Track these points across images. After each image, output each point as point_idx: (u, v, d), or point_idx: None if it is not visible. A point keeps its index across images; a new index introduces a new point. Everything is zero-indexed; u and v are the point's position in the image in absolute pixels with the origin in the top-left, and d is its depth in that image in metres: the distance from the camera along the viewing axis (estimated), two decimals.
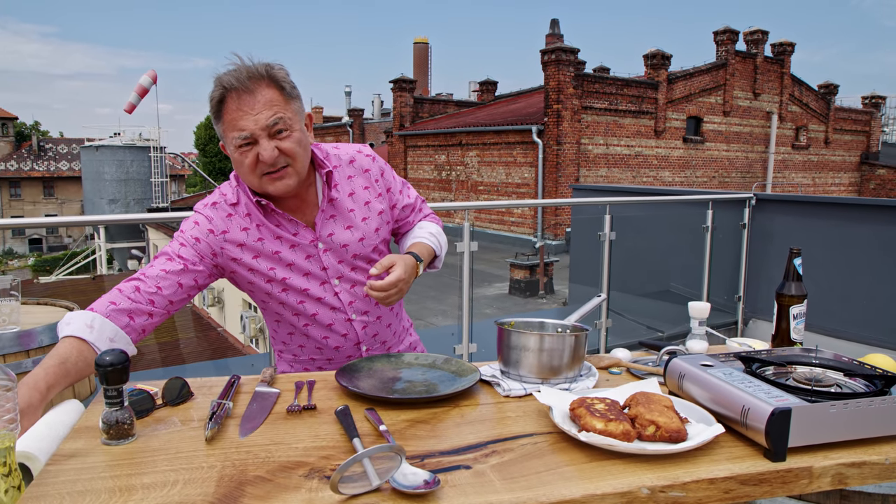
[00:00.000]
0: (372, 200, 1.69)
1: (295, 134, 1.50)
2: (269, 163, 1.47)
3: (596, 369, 1.55)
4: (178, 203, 33.05)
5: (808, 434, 1.14)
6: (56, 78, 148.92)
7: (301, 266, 1.61)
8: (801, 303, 1.74)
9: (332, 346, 1.68)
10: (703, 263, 5.37)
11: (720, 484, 1.07)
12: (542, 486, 1.01)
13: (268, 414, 1.28)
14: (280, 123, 1.47)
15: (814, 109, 22.87)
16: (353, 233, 1.64)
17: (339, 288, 1.64)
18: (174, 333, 13.75)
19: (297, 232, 1.60)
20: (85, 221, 3.55)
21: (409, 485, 0.97)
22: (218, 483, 1.00)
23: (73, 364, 1.33)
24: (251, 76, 1.45)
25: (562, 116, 16.47)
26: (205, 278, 1.56)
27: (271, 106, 1.46)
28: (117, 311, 1.43)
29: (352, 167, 1.69)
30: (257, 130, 1.46)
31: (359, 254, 1.64)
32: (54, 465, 1.06)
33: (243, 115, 1.45)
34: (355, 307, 1.66)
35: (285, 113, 1.48)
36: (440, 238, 1.78)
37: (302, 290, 1.61)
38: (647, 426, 1.16)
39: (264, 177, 1.50)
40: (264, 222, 1.58)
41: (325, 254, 1.62)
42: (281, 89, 1.49)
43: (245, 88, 1.45)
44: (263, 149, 1.46)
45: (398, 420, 1.26)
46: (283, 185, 1.52)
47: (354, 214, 1.65)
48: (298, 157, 1.51)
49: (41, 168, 47.20)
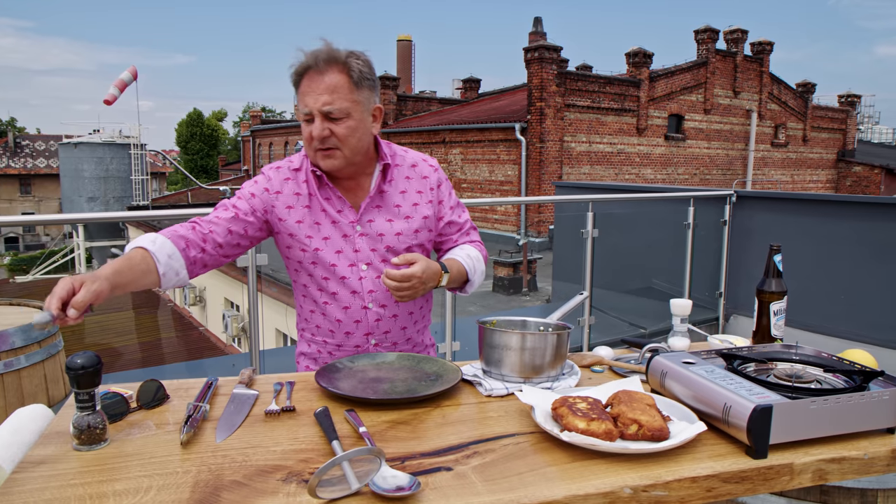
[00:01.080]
0: (421, 204, 1.75)
1: (350, 122, 1.60)
2: (319, 139, 1.59)
3: (578, 368, 1.54)
4: (159, 201, 32.72)
5: (789, 431, 1.14)
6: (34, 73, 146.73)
7: (336, 243, 1.67)
8: (782, 299, 1.75)
9: (343, 330, 1.71)
10: (685, 260, 5.40)
11: (702, 482, 1.07)
12: (524, 487, 1.00)
13: (245, 416, 1.26)
14: (335, 111, 1.57)
15: (792, 108, 23.10)
16: (393, 225, 1.70)
17: (365, 274, 1.68)
18: (155, 333, 13.63)
19: (342, 210, 1.68)
20: (64, 220, 3.51)
21: (388, 488, 0.95)
22: (193, 489, 0.98)
23: (137, 262, 1.44)
24: (328, 59, 1.57)
25: (545, 114, 16.49)
26: (255, 230, 1.68)
27: (333, 91, 1.57)
28: (176, 236, 1.56)
29: (412, 170, 1.77)
30: (315, 109, 1.57)
31: (392, 246, 1.69)
32: (22, 472, 1.03)
33: (309, 93, 1.58)
34: (374, 297, 1.69)
35: (345, 101, 1.58)
36: (478, 264, 1.77)
37: (329, 266, 1.67)
38: (630, 425, 1.15)
39: (317, 151, 1.62)
40: (316, 193, 1.68)
41: (361, 238, 1.68)
42: (350, 76, 1.58)
43: (318, 69, 1.57)
44: (315, 127, 1.58)
45: (379, 421, 1.24)
46: (328, 164, 1.63)
47: (399, 210, 1.72)
48: (347, 143, 1.61)
49: (17, 165, 46.48)
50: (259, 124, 36.64)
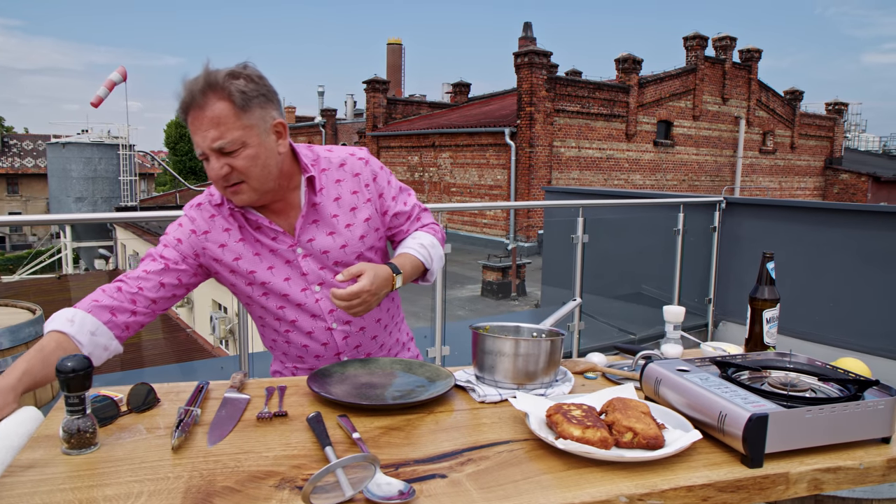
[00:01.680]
0: (359, 206, 1.63)
1: (248, 150, 1.44)
2: (220, 178, 1.45)
3: (571, 374, 1.53)
4: (148, 202, 32.50)
5: (784, 440, 1.14)
6: (21, 72, 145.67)
7: (281, 270, 1.58)
8: (774, 307, 1.75)
9: (312, 355, 1.64)
10: (675, 266, 5.42)
11: (698, 491, 1.06)
12: (519, 495, 0.99)
13: (237, 421, 1.24)
14: (226, 145, 1.42)
15: (780, 115, 23.31)
16: (335, 239, 1.59)
17: (321, 295, 1.60)
18: (140, 334, 13.51)
19: (276, 237, 1.57)
20: (51, 220, 3.47)
21: (383, 495, 0.94)
22: (185, 495, 0.97)
23: (50, 352, 1.34)
24: (203, 89, 1.40)
25: (534, 119, 16.55)
26: (189, 277, 1.57)
27: (218, 125, 1.41)
28: (99, 307, 1.45)
29: (342, 171, 1.63)
30: (206, 149, 1.43)
31: (340, 261, 1.59)
32: (10, 476, 1.02)
33: (196, 131, 1.43)
34: (336, 316, 1.61)
35: (234, 130, 1.42)
36: (433, 250, 1.67)
37: (282, 295, 1.58)
38: (625, 433, 1.14)
39: (225, 189, 1.49)
40: (245, 225, 1.57)
41: (305, 259, 1.58)
42: (233, 102, 1.42)
43: (196, 104, 1.41)
44: (212, 167, 1.45)
45: (372, 427, 1.23)
46: (239, 200, 1.51)
47: (338, 220, 1.60)
48: (252, 174, 1.46)
49: (5, 164, 46.06)
50: None
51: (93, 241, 24.93)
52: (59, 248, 26.86)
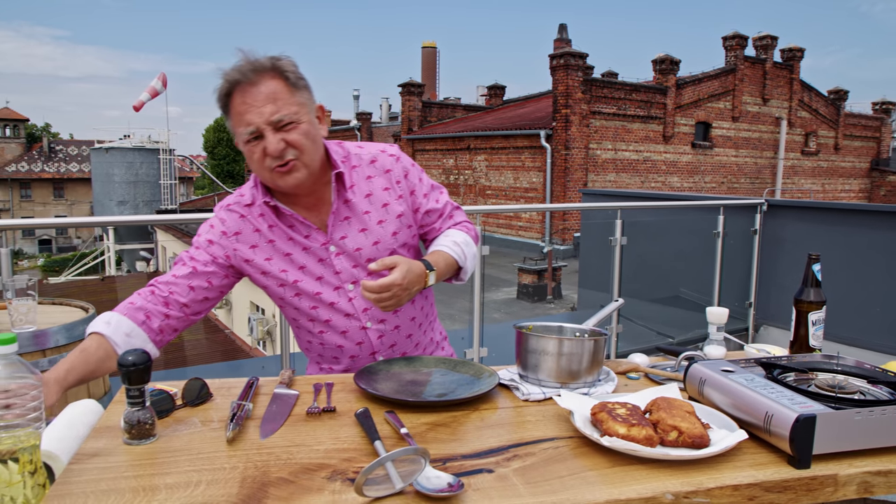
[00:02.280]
0: (391, 202, 1.62)
1: (302, 126, 1.46)
2: (276, 156, 1.44)
3: (615, 374, 1.54)
4: (187, 205, 33.15)
5: (833, 441, 1.13)
6: (67, 80, 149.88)
7: (313, 270, 1.57)
8: (820, 309, 1.73)
9: (347, 355, 1.64)
10: (714, 269, 5.35)
11: (745, 490, 1.06)
12: (565, 490, 1.01)
13: (288, 415, 1.28)
14: (285, 117, 1.43)
15: (823, 115, 22.79)
16: (368, 236, 1.58)
17: (354, 293, 1.59)
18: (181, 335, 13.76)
19: (309, 234, 1.57)
20: (94, 223, 3.56)
21: (432, 488, 0.96)
22: (241, 484, 1.00)
23: (92, 353, 1.39)
24: (255, 69, 1.43)
25: (570, 121, 16.46)
26: (220, 279, 1.57)
27: (275, 99, 1.43)
28: (134, 310, 1.48)
29: (372, 167, 1.63)
30: (262, 124, 1.43)
31: (373, 258, 1.56)
32: (77, 464, 1.06)
33: (248, 109, 1.43)
34: (371, 314, 1.60)
35: (290, 105, 1.45)
36: (466, 248, 1.65)
37: (314, 295, 1.58)
38: (670, 431, 1.15)
39: (274, 171, 1.47)
40: (277, 223, 1.57)
41: (338, 258, 1.58)
42: (286, 80, 1.45)
43: (249, 81, 1.43)
44: (269, 142, 1.43)
45: (418, 423, 1.26)
46: (292, 179, 1.48)
47: (370, 217, 1.59)
48: (306, 149, 1.47)
49: (51, 169, 47.47)
50: None
51: (134, 243, 25.53)
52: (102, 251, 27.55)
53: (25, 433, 0.95)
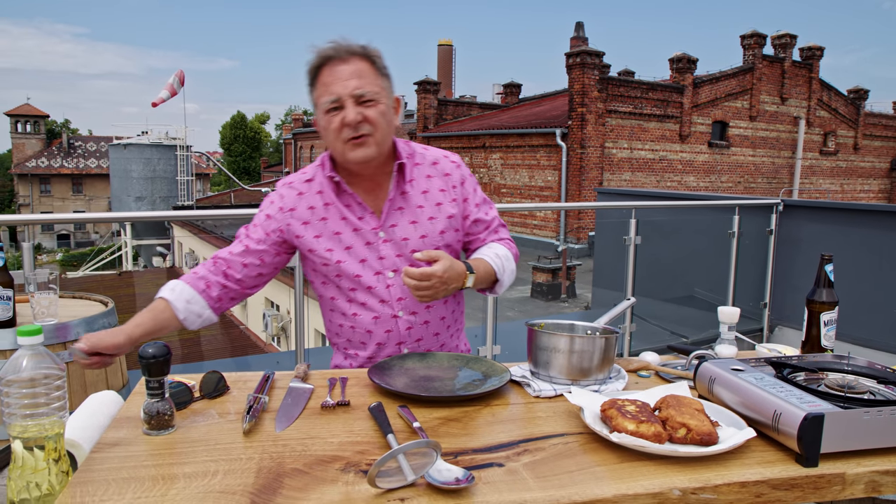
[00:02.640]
0: (444, 203, 1.69)
1: (380, 106, 1.57)
2: (353, 125, 1.54)
3: (625, 372, 1.55)
4: (203, 201, 33.41)
5: (841, 440, 1.14)
6: (86, 77, 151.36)
7: (359, 252, 1.63)
8: (833, 309, 1.73)
9: (374, 341, 1.67)
10: (729, 269, 5.33)
11: (752, 487, 1.07)
12: (574, 485, 1.02)
13: (303, 409, 1.31)
14: (367, 94, 1.55)
15: (843, 114, 22.55)
16: (417, 229, 1.65)
17: (392, 281, 1.64)
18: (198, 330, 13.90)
19: (363, 217, 1.64)
20: (112, 218, 3.64)
21: (443, 480, 0.99)
22: (257, 474, 1.03)
23: (157, 314, 1.54)
24: (347, 49, 1.57)
25: (586, 120, 16.41)
26: (272, 257, 1.67)
27: (361, 76, 1.55)
28: (196, 278, 1.62)
29: (433, 168, 1.72)
30: (345, 95, 1.54)
31: (418, 250, 1.61)
32: (99, 452, 1.10)
33: (335, 81, 1.55)
34: (404, 304, 1.65)
35: (373, 85, 1.57)
36: (506, 263, 1.70)
37: (354, 277, 1.63)
38: (678, 428, 1.16)
39: (348, 142, 1.56)
40: (334, 201, 1.65)
41: (385, 244, 1.64)
42: (372, 63, 1.59)
43: (340, 58, 1.56)
44: (349, 112, 1.54)
45: (430, 418, 1.28)
46: (362, 153, 1.57)
47: (422, 211, 1.66)
48: (380, 127, 1.57)
49: (70, 165, 47.99)
50: (301, 127, 37.16)
51: (151, 238, 25.75)
52: (119, 246, 27.83)
53: (50, 422, 0.98)
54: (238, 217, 3.82)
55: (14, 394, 0.96)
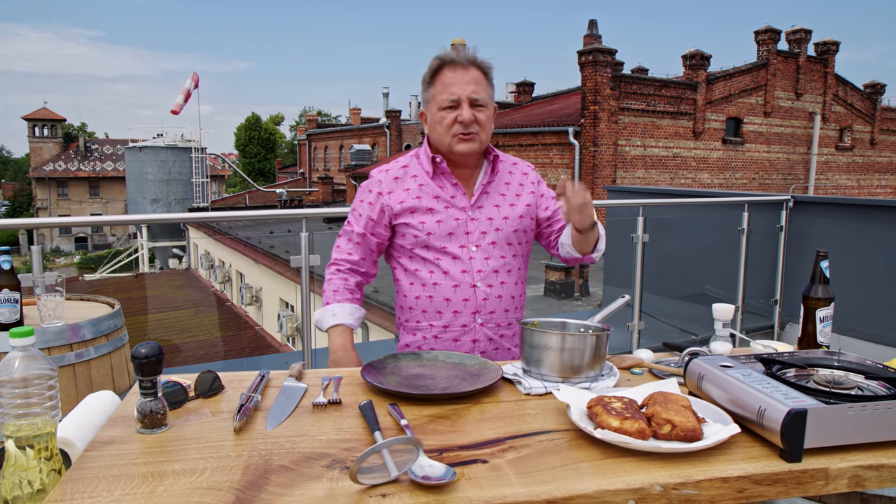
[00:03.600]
0: (523, 194, 1.95)
1: (488, 112, 1.84)
2: (466, 123, 1.80)
3: (617, 369, 1.56)
4: (218, 203, 33.63)
5: (824, 435, 1.15)
6: (102, 80, 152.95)
7: (448, 225, 1.85)
8: (828, 306, 1.73)
9: (451, 309, 1.85)
10: (739, 266, 5.30)
11: (734, 483, 1.08)
12: (555, 480, 1.04)
13: (294, 407, 1.33)
14: (480, 99, 1.81)
15: (859, 110, 22.29)
16: (499, 211, 1.89)
17: (475, 255, 1.85)
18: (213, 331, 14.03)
19: (455, 196, 1.87)
20: (128, 220, 3.68)
21: (427, 476, 1.00)
22: (244, 471, 1.05)
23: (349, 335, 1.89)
24: (468, 58, 1.83)
25: (599, 118, 16.35)
26: (378, 241, 1.93)
27: (477, 83, 1.82)
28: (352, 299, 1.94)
29: (515, 167, 2.00)
30: (463, 97, 1.80)
31: (500, 229, 1.87)
32: (92, 450, 1.12)
33: (456, 83, 1.81)
34: (483, 276, 1.85)
35: (485, 93, 1.83)
36: (602, 235, 1.93)
37: (441, 248, 1.84)
38: (664, 425, 1.17)
39: (457, 136, 1.82)
40: (429, 182, 1.88)
41: (472, 222, 1.86)
42: (486, 75, 1.85)
43: (461, 65, 1.82)
44: (464, 111, 1.80)
45: (420, 415, 1.30)
46: (467, 147, 1.83)
47: (504, 198, 1.92)
48: (485, 129, 1.84)
49: (87, 168, 48.50)
50: (315, 128, 37.32)
51: (167, 240, 25.97)
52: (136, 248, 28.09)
53: (42, 421, 1.01)
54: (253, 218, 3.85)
55: (7, 394, 0.99)
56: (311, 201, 30.10)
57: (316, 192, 30.55)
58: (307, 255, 3.25)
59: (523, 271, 1.97)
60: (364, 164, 28.70)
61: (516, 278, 1.92)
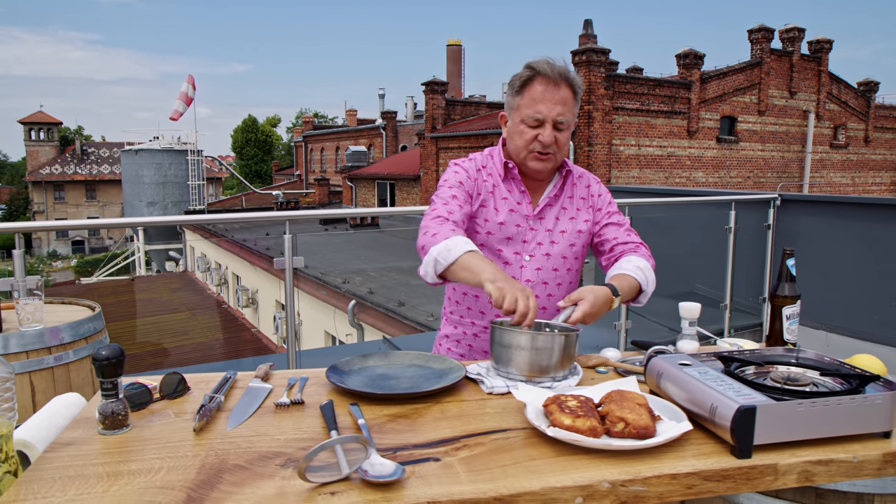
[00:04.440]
0: (583, 209, 1.95)
1: (568, 132, 1.83)
2: (546, 144, 1.79)
3: (581, 368, 1.58)
4: (215, 205, 33.62)
5: (774, 432, 1.16)
6: (100, 84, 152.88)
7: (508, 230, 1.86)
8: (794, 303, 1.75)
9: (494, 313, 1.84)
10: (727, 265, 5.32)
11: (683, 479, 1.10)
12: (505, 478, 1.05)
13: (257, 408, 1.34)
14: (565, 122, 1.79)
15: (853, 107, 22.33)
16: (559, 224, 1.90)
17: (527, 264, 1.86)
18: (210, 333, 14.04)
19: (521, 202, 1.88)
20: (123, 223, 3.65)
21: (375, 474, 1.02)
22: (199, 470, 1.07)
23: None
24: (561, 73, 1.78)
25: (593, 117, 16.37)
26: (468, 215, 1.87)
27: (565, 103, 1.79)
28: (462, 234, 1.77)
29: (580, 180, 1.98)
30: (549, 118, 1.77)
31: (556, 242, 1.88)
32: (52, 452, 1.14)
33: (545, 101, 1.77)
34: (530, 286, 1.84)
35: (570, 114, 1.81)
36: (648, 275, 1.88)
37: (496, 250, 1.86)
38: (617, 423, 1.19)
39: (532, 153, 1.82)
40: (499, 184, 1.89)
41: (531, 231, 1.87)
42: (574, 93, 1.82)
43: (553, 80, 1.77)
44: (546, 133, 1.78)
45: (381, 415, 1.31)
46: (542, 166, 1.84)
47: (566, 212, 1.93)
48: (563, 149, 1.85)
49: (84, 172, 48.48)
50: (311, 130, 37.31)
51: (163, 243, 25.95)
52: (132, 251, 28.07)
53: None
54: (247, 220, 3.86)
55: None
56: (308, 203, 30.12)
57: (312, 194, 30.57)
58: (290, 256, 3.26)
59: (574, 285, 1.96)
60: (360, 166, 28.71)
61: (565, 291, 1.91)
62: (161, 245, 25.94)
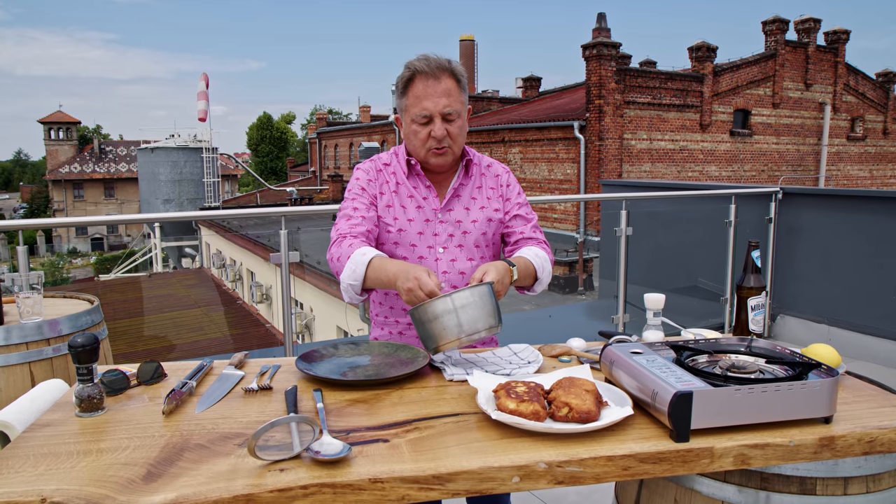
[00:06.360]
0: (493, 198, 1.97)
1: (460, 121, 1.84)
2: (439, 139, 1.81)
3: (542, 356, 1.63)
4: (230, 202, 33.91)
5: (711, 417, 1.21)
6: (117, 83, 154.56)
7: (418, 225, 1.89)
8: (759, 294, 1.80)
9: None
10: (727, 258, 5.34)
11: (619, 461, 1.16)
12: (447, 458, 1.12)
13: (227, 393, 1.42)
14: (453, 112, 1.80)
15: (871, 99, 22.08)
16: (469, 214, 1.92)
17: (441, 256, 1.89)
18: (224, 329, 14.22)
19: (427, 197, 1.90)
20: (139, 219, 3.81)
21: (323, 453, 1.09)
22: (162, 449, 1.14)
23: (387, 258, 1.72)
24: (439, 66, 1.80)
25: (604, 111, 16.34)
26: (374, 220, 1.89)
27: (449, 94, 1.80)
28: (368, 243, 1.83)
29: (488, 169, 2.01)
30: (436, 112, 1.79)
31: (468, 232, 1.91)
32: (30, 432, 1.22)
33: (428, 97, 1.79)
34: (447, 279, 1.88)
35: (458, 102, 1.82)
36: (545, 265, 1.92)
37: (410, 246, 1.88)
38: (562, 408, 1.25)
39: (430, 150, 1.84)
40: (405, 182, 1.91)
41: (441, 224, 1.90)
42: (458, 81, 1.83)
43: (433, 75, 1.79)
44: (437, 127, 1.80)
45: (342, 400, 1.38)
46: (441, 160, 1.86)
47: (475, 202, 1.94)
48: (458, 140, 1.86)
49: (102, 170, 49.08)
50: (325, 126, 37.50)
51: (180, 240, 26.24)
52: (149, 248, 28.41)
53: None
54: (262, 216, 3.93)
55: None
56: (322, 199, 30.28)
57: (326, 191, 30.74)
58: (286, 251, 3.34)
59: None
60: None
61: None
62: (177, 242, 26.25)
